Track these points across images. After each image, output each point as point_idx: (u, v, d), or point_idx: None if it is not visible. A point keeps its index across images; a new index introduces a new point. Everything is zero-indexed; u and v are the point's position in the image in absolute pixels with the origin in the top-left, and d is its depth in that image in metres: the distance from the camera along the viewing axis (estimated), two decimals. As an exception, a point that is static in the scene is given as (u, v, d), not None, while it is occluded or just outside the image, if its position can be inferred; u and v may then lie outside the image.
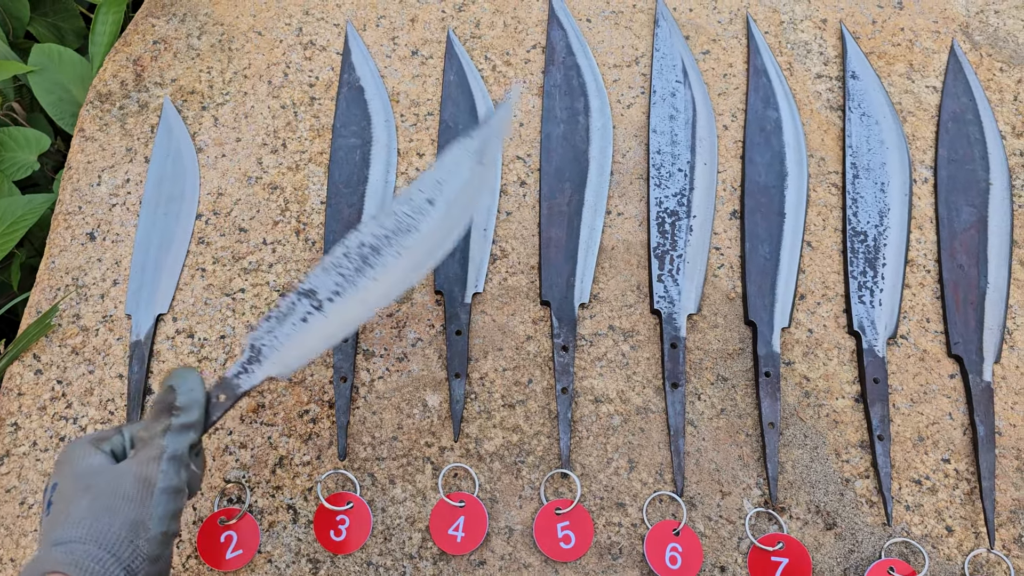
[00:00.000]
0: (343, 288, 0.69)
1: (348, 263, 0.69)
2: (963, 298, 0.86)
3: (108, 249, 0.88)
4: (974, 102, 0.96)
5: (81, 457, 0.59)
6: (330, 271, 0.69)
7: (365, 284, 0.69)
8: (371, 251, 0.69)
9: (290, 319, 0.68)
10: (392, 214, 0.71)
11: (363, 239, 0.70)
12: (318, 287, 0.69)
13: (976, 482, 0.79)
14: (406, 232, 0.70)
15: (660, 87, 0.96)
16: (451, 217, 0.71)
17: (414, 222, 0.70)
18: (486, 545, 0.75)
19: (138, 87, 0.97)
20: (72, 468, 0.58)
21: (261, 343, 0.68)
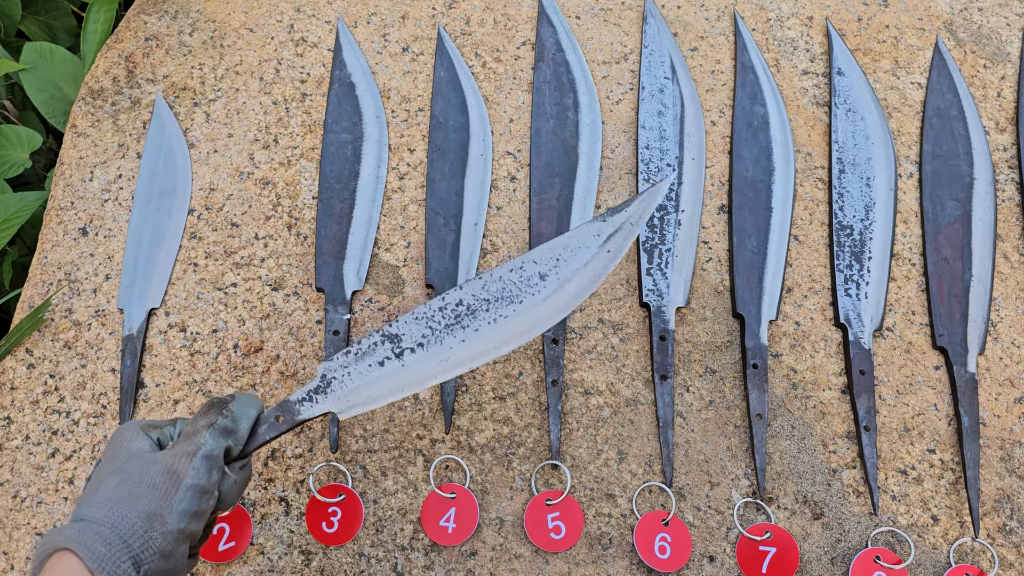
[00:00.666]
0: (428, 342, 0.67)
1: (441, 318, 0.67)
2: (948, 291, 0.87)
3: (100, 244, 0.88)
4: (958, 98, 0.98)
5: (127, 439, 0.59)
6: (421, 321, 0.67)
7: (451, 344, 0.67)
8: (467, 312, 0.68)
9: (367, 359, 0.67)
10: (500, 279, 0.68)
11: (463, 298, 0.68)
12: (404, 334, 0.67)
13: (961, 472, 0.80)
14: (508, 302, 0.68)
15: (648, 83, 0.97)
16: (559, 297, 0.68)
17: (519, 293, 0.68)
18: (477, 536, 0.76)
19: (130, 83, 0.97)
20: (116, 448, 0.59)
21: (332, 375, 0.66)
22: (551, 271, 0.68)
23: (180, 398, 0.81)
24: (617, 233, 0.69)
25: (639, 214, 0.69)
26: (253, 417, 0.63)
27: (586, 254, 0.68)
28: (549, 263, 0.68)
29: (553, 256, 0.68)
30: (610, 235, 0.69)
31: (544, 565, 0.75)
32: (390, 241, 0.89)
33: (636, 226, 0.69)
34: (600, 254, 0.68)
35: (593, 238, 0.69)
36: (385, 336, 0.67)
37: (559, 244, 0.69)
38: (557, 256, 0.68)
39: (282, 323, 0.84)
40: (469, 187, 0.90)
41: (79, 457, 0.79)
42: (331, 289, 0.85)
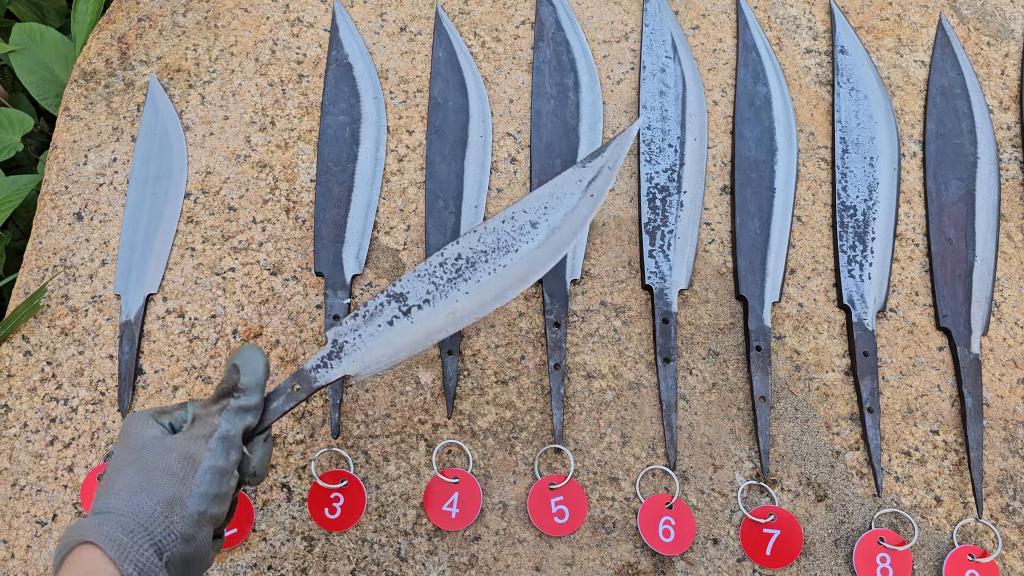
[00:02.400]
0: (433, 297, 0.68)
1: (443, 273, 0.69)
2: (951, 271, 0.86)
3: (96, 229, 0.87)
4: (962, 76, 0.97)
5: (138, 428, 0.58)
6: (423, 278, 0.69)
7: (456, 297, 0.69)
8: (467, 265, 0.69)
9: (376, 320, 0.68)
10: (494, 231, 0.70)
11: (461, 251, 0.69)
12: (409, 292, 0.68)
13: (964, 453, 0.80)
14: (504, 251, 0.70)
15: (650, 63, 0.95)
16: (551, 243, 0.70)
17: (514, 242, 0.70)
18: (480, 521, 0.76)
19: (123, 65, 0.96)
20: (127, 438, 0.58)
21: (344, 339, 0.67)
22: (541, 218, 0.71)
23: (179, 384, 0.80)
24: (597, 178, 0.72)
25: (614, 158, 0.73)
26: (263, 385, 0.62)
27: (571, 200, 0.71)
28: (538, 211, 0.71)
29: (541, 204, 0.71)
30: (591, 180, 0.72)
31: (548, 549, 0.75)
32: (389, 224, 0.88)
33: (613, 170, 0.72)
34: (584, 199, 0.71)
35: (576, 184, 0.72)
36: (391, 296, 0.68)
37: (545, 192, 0.72)
38: (544, 204, 0.71)
39: (281, 308, 0.83)
40: (469, 169, 0.89)
41: (78, 444, 0.78)
42: (330, 273, 0.84)
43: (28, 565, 0.73)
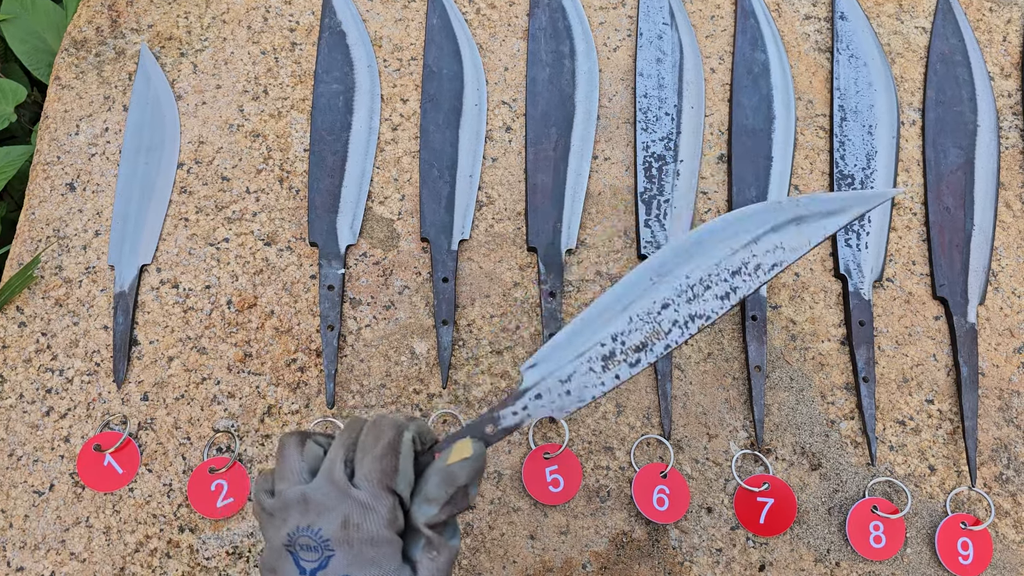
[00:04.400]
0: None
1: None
2: (949, 240, 0.86)
3: (89, 199, 0.86)
4: (963, 43, 0.95)
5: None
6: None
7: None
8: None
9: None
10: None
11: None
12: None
13: (959, 422, 0.80)
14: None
15: (647, 29, 0.94)
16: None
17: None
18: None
19: (114, 33, 0.94)
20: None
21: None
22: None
23: (174, 355, 0.80)
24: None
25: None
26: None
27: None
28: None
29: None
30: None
31: (543, 518, 0.76)
32: (384, 194, 0.87)
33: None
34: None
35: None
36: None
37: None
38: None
39: (276, 278, 0.83)
40: (464, 138, 0.88)
41: (74, 415, 0.78)
42: (325, 243, 0.83)
43: (26, 534, 0.74)
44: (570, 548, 0.75)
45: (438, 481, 0.51)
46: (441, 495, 0.51)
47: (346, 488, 0.49)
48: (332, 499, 0.49)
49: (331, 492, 0.49)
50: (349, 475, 0.50)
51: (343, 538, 0.48)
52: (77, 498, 0.76)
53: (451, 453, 0.52)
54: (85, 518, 0.75)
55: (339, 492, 0.49)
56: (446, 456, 0.52)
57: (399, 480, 0.50)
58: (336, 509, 0.49)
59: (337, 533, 0.48)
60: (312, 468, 0.52)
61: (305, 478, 0.51)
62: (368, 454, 0.50)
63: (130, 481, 0.76)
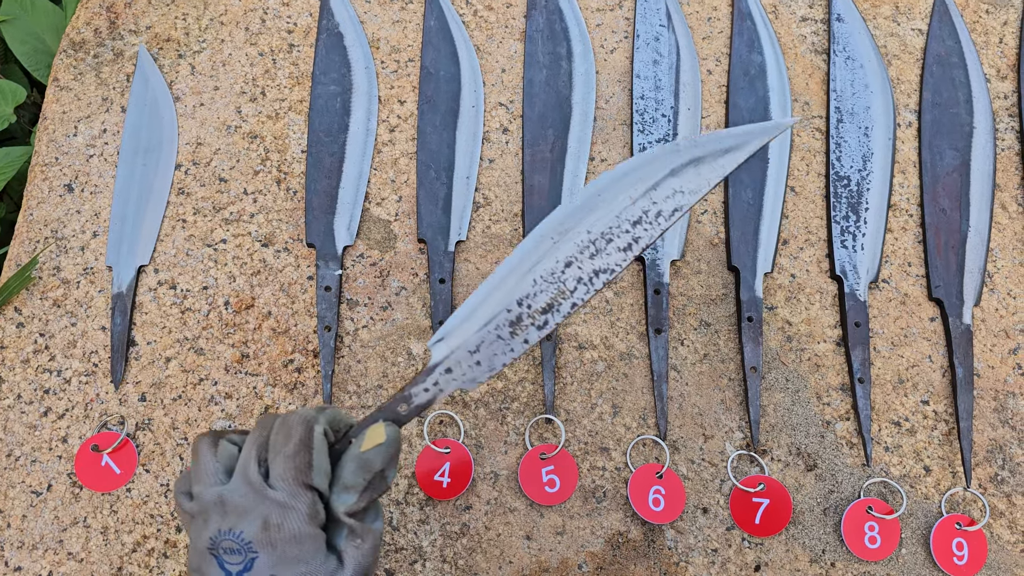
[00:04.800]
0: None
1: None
2: (944, 242, 0.86)
3: (87, 201, 0.87)
4: (959, 45, 0.96)
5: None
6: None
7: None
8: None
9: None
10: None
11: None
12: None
13: (954, 423, 0.80)
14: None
15: (644, 31, 0.94)
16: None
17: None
18: (472, 490, 0.76)
19: (112, 35, 0.95)
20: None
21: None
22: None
23: (172, 356, 0.80)
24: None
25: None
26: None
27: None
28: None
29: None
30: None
31: (539, 518, 0.76)
32: (381, 195, 0.87)
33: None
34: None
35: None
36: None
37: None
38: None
39: (273, 279, 0.83)
40: (460, 139, 0.89)
41: (72, 416, 0.78)
42: (322, 244, 0.84)
43: (23, 534, 0.74)
44: (566, 548, 0.75)
45: (354, 468, 0.51)
46: (359, 482, 0.51)
47: (262, 489, 0.49)
48: (250, 501, 0.49)
49: (248, 494, 0.49)
50: (264, 474, 0.50)
51: (265, 540, 0.48)
52: (75, 498, 0.76)
53: (364, 439, 0.52)
54: (83, 518, 0.75)
55: (256, 494, 0.49)
56: (359, 443, 0.52)
57: (315, 475, 0.50)
58: (255, 511, 0.49)
59: (259, 535, 0.48)
60: (228, 468, 0.51)
61: (221, 479, 0.51)
62: (280, 453, 0.50)
63: (128, 481, 0.76)
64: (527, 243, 0.58)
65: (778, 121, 0.56)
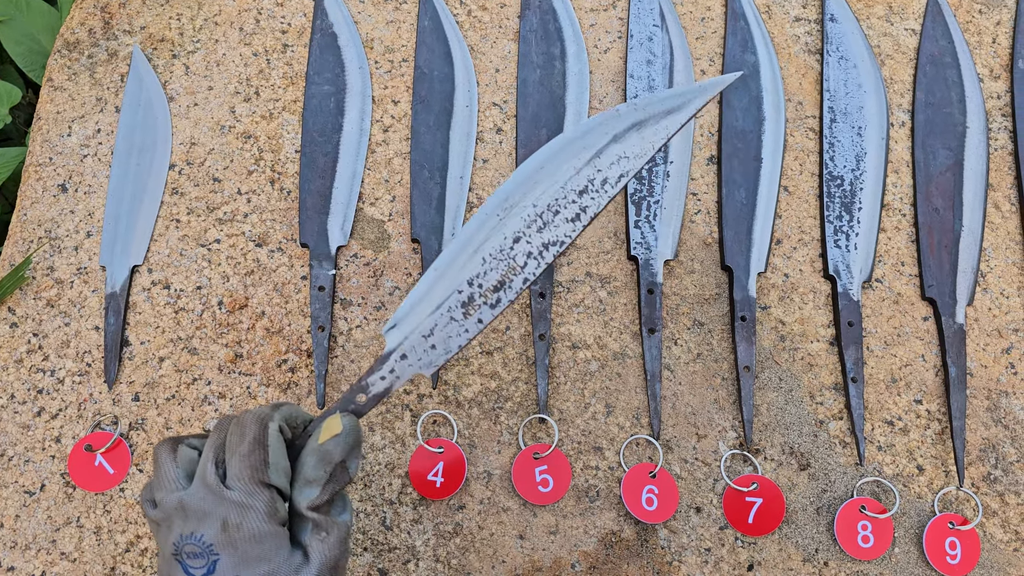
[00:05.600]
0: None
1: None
2: (938, 241, 0.86)
3: (81, 201, 0.87)
4: (952, 44, 0.96)
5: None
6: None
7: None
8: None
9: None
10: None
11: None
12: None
13: (947, 422, 0.80)
14: None
15: (637, 31, 0.95)
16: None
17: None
18: (465, 490, 0.76)
19: (106, 35, 0.95)
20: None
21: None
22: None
23: (165, 355, 0.80)
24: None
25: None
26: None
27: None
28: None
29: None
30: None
31: (532, 518, 0.76)
32: (375, 195, 0.87)
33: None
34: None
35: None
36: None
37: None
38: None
39: (267, 279, 0.84)
40: (454, 139, 0.89)
41: (65, 416, 0.78)
42: (315, 244, 0.84)
43: (17, 534, 0.74)
44: (559, 548, 0.75)
45: (314, 462, 0.51)
46: (320, 475, 0.51)
47: (219, 490, 0.49)
48: (208, 503, 0.49)
49: (206, 496, 0.49)
50: (222, 476, 0.50)
51: (225, 541, 0.48)
52: (68, 498, 0.76)
53: (321, 431, 0.52)
54: (76, 518, 0.75)
55: (214, 495, 0.49)
56: (317, 435, 0.52)
57: (271, 472, 0.50)
58: (213, 513, 0.49)
59: (219, 537, 0.48)
60: (188, 473, 0.51)
61: (182, 484, 0.51)
62: (236, 453, 0.50)
63: (121, 481, 0.76)
64: (473, 223, 0.57)
65: (719, 78, 0.56)
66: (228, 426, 0.52)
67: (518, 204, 0.57)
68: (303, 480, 0.51)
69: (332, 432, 0.52)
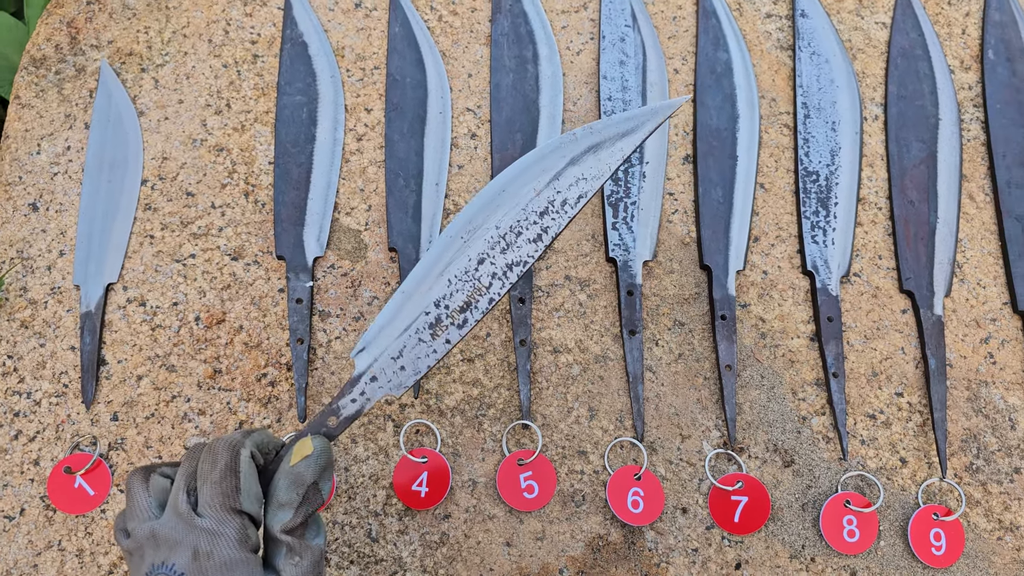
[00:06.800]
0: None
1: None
2: (914, 234, 0.87)
3: (52, 219, 0.86)
4: (923, 37, 0.96)
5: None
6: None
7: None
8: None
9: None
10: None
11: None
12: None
13: (928, 414, 0.80)
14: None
15: (609, 32, 0.94)
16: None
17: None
18: (450, 499, 0.76)
19: (74, 51, 0.94)
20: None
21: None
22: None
23: (143, 374, 0.80)
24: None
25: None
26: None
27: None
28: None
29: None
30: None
31: (518, 524, 0.76)
32: (350, 205, 0.87)
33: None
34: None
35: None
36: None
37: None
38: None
39: (244, 293, 0.83)
40: (429, 146, 0.88)
41: (43, 438, 0.77)
42: (292, 256, 0.83)
43: (-3, 560, 0.73)
44: (546, 554, 0.75)
45: (286, 484, 0.52)
46: (292, 497, 0.51)
47: (190, 519, 0.49)
48: (179, 532, 0.49)
49: (178, 525, 0.49)
50: (194, 504, 0.50)
51: (196, 569, 0.48)
52: (48, 522, 0.75)
53: (293, 454, 0.53)
54: (57, 541, 0.74)
55: (185, 524, 0.49)
56: (289, 457, 0.53)
57: (243, 499, 0.50)
58: (184, 542, 0.48)
59: (190, 565, 0.48)
60: (161, 502, 0.51)
61: (154, 513, 0.51)
62: (207, 480, 0.50)
63: (102, 502, 0.76)
64: (437, 245, 0.59)
65: (670, 101, 0.58)
66: (200, 454, 0.52)
67: (481, 226, 0.59)
68: (276, 504, 0.51)
69: (303, 453, 0.53)
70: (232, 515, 0.49)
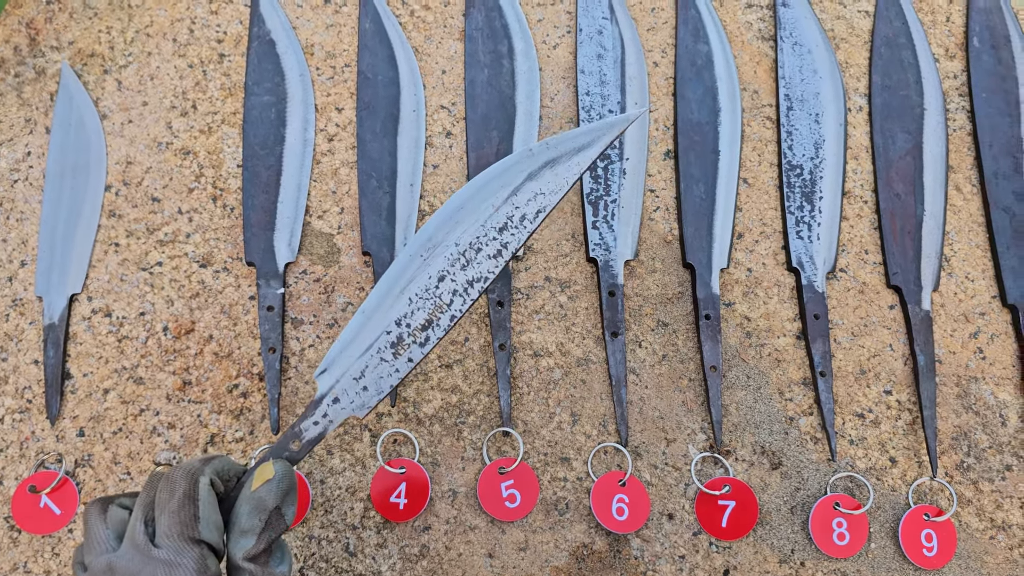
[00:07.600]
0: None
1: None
2: (900, 227, 0.85)
3: (13, 228, 0.83)
4: (907, 25, 0.94)
5: None
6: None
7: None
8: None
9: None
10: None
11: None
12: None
13: (918, 412, 0.79)
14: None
15: (586, 25, 0.92)
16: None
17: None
18: (430, 510, 0.74)
19: (33, 52, 0.90)
20: None
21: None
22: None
23: (110, 387, 0.77)
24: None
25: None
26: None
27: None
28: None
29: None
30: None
31: (500, 535, 0.73)
32: (322, 208, 0.84)
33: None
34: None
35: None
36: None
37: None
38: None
39: (213, 301, 0.80)
40: (402, 146, 0.86)
41: (6, 456, 0.75)
42: (262, 262, 0.80)
43: (-41, 585, 0.71)
44: (530, 564, 0.73)
45: (248, 510, 0.50)
46: (255, 523, 0.50)
47: (147, 550, 0.47)
48: (136, 564, 0.47)
49: (135, 557, 0.47)
50: (151, 535, 0.48)
51: None
52: (13, 543, 0.72)
53: (254, 479, 0.52)
54: (23, 563, 0.72)
55: (142, 555, 0.47)
56: (250, 483, 0.52)
57: (202, 527, 0.48)
58: (141, 573, 0.47)
59: None
60: (119, 533, 0.50)
61: (112, 545, 0.49)
62: (165, 510, 0.49)
63: (69, 522, 0.73)
64: (397, 264, 0.59)
65: (626, 115, 0.59)
66: (158, 483, 0.51)
67: (441, 243, 0.59)
68: (238, 531, 0.50)
69: (264, 477, 0.51)
70: (190, 545, 0.47)
